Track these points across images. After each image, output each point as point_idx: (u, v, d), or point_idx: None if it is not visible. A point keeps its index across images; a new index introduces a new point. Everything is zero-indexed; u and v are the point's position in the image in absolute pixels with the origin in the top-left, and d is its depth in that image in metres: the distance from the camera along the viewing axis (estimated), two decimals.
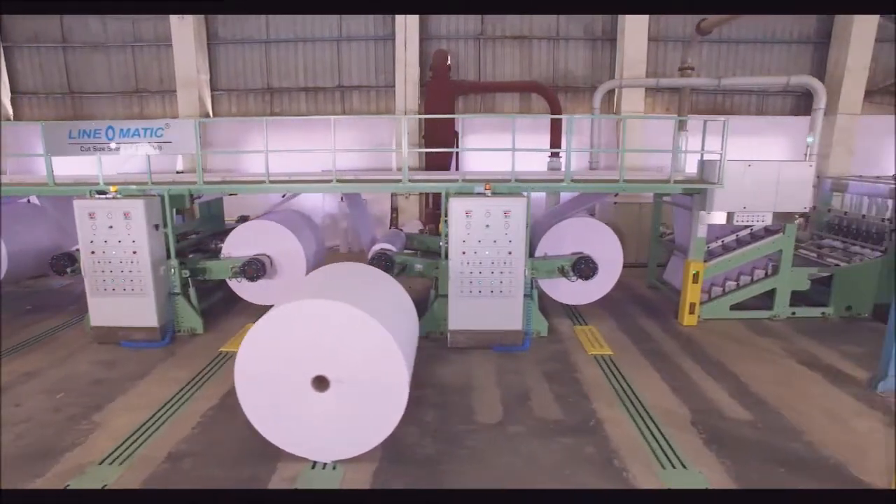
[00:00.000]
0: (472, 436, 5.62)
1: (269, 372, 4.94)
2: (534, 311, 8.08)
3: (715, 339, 8.12)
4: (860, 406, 6.16)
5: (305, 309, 4.95)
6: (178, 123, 7.75)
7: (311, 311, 4.93)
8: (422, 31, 14.29)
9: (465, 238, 7.43)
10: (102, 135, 7.60)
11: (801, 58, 14.70)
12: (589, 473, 4.98)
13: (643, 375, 6.95)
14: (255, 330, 4.92)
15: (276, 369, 4.93)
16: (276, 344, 4.92)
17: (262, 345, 4.94)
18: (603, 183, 8.27)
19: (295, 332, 4.91)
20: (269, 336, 4.94)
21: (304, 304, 4.95)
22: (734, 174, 8.21)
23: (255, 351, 4.94)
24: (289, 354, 4.91)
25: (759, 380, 6.80)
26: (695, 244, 8.56)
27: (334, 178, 7.80)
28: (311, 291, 5.29)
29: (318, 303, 4.94)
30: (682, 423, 5.84)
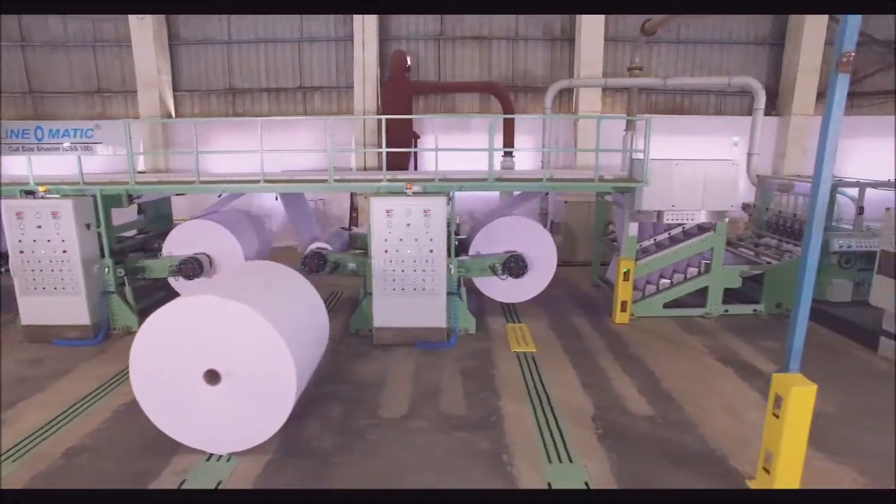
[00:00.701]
0: (372, 430, 5.71)
1: (163, 366, 5.05)
2: (461, 309, 8.18)
3: (642, 337, 8.22)
4: (761, 400, 6.24)
5: (196, 305, 5.06)
6: (108, 124, 7.83)
7: (201, 307, 5.04)
8: (382, 32, 14.41)
9: (387, 237, 7.53)
10: (31, 135, 7.68)
11: (758, 59, 14.84)
12: (476, 467, 5.07)
13: (559, 372, 7.05)
14: (148, 325, 5.03)
15: (169, 363, 5.04)
16: (169, 339, 5.03)
17: (155, 340, 5.05)
18: (528, 182, 8.37)
19: (186, 327, 5.02)
20: (161, 331, 5.04)
21: (194, 301, 5.07)
22: (661, 173, 8.33)
23: (149, 346, 5.05)
24: (181, 349, 5.02)
25: (673, 376, 6.90)
26: (626, 242, 8.67)
27: (262, 178, 7.89)
28: (207, 289, 5.38)
29: (207, 299, 5.04)
30: (583, 418, 5.93)
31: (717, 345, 7.93)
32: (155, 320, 5.03)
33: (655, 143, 14.48)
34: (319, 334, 6.12)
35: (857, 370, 7.18)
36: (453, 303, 8.11)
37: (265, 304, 5.20)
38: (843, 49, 6.04)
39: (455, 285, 8.11)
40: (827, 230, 8.95)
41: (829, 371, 7.12)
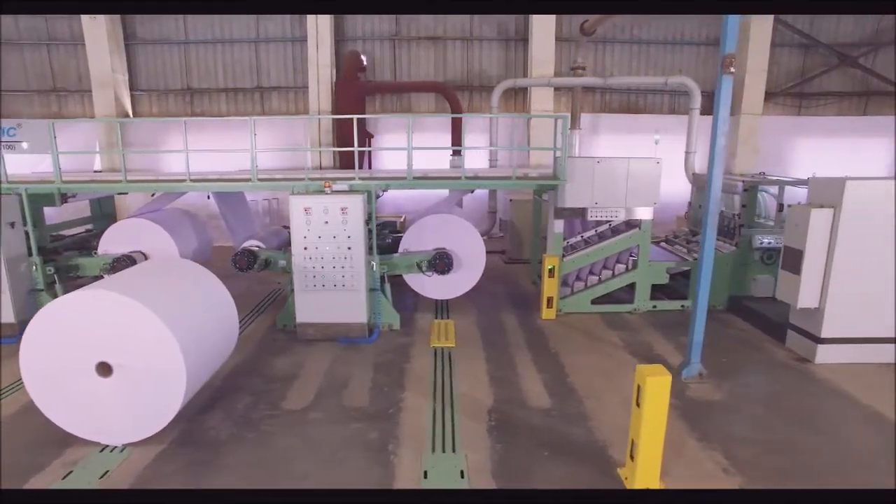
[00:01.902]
0: (270, 421, 5.84)
1: (54, 359, 5.16)
2: (384, 305, 8.31)
3: (564, 332, 8.37)
4: None
5: (86, 298, 5.16)
6: (31, 124, 7.92)
7: (91, 301, 5.14)
8: (338, 32, 14.53)
9: (306, 234, 7.65)
10: None
11: (710, 59, 15.03)
12: (360, 456, 5.20)
13: (471, 367, 7.18)
14: (38, 319, 5.14)
15: (60, 356, 5.15)
16: (60, 332, 5.13)
17: (46, 333, 5.16)
18: (447, 180, 8.52)
19: (77, 320, 5.13)
20: (52, 325, 5.15)
21: (84, 294, 5.17)
22: (583, 171, 8.48)
23: (40, 339, 5.16)
24: (72, 342, 5.12)
25: (582, 371, 7.04)
26: (551, 239, 8.82)
27: (188, 178, 8.00)
28: (102, 283, 5.49)
29: (96, 293, 5.15)
30: (480, 411, 6.06)
31: (635, 340, 8.09)
32: (45, 314, 5.15)
33: (610, 141, 14.89)
34: (224, 330, 6.22)
35: (760, 361, 7.37)
36: (376, 299, 8.25)
37: (157, 298, 5.31)
38: (726, 51, 6.28)
39: (378, 282, 8.24)
40: (751, 227, 9.19)
41: (736, 362, 7.33)
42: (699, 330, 6.61)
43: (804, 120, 15.24)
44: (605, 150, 14.71)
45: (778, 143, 15.15)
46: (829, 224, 6.95)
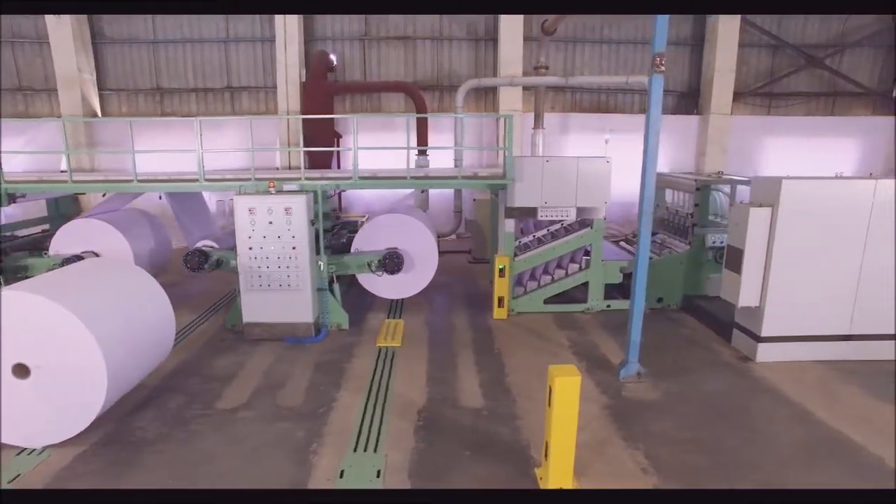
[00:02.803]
0: (200, 420, 5.82)
1: None
2: (332, 305, 8.30)
3: (512, 332, 8.36)
4: (595, 394, 6.41)
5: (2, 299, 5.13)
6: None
7: (5, 302, 5.11)
8: (307, 32, 14.51)
9: (251, 234, 7.63)
10: None
11: (679, 59, 15.07)
12: (281, 455, 5.19)
13: (412, 366, 7.17)
14: None
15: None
16: None
17: None
18: (394, 180, 8.50)
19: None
20: None
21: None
22: (532, 170, 8.48)
23: None
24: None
25: (521, 370, 7.03)
26: (502, 239, 8.82)
27: (135, 178, 7.98)
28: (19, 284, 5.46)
29: (10, 294, 5.12)
30: (410, 411, 6.05)
31: (582, 340, 8.09)
32: None
33: (580, 141, 14.87)
34: (157, 330, 6.18)
35: (704, 361, 7.37)
36: (324, 298, 8.24)
37: (78, 298, 5.28)
38: (655, 50, 6.28)
39: (326, 281, 8.23)
40: (704, 226, 9.21)
41: (679, 362, 7.33)
42: (636, 330, 6.61)
43: (774, 120, 15.29)
44: (575, 149, 14.72)
45: (748, 143, 15.20)
46: (767, 223, 6.96)
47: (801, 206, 6.84)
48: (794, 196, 6.83)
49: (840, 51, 15.00)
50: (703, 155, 14.74)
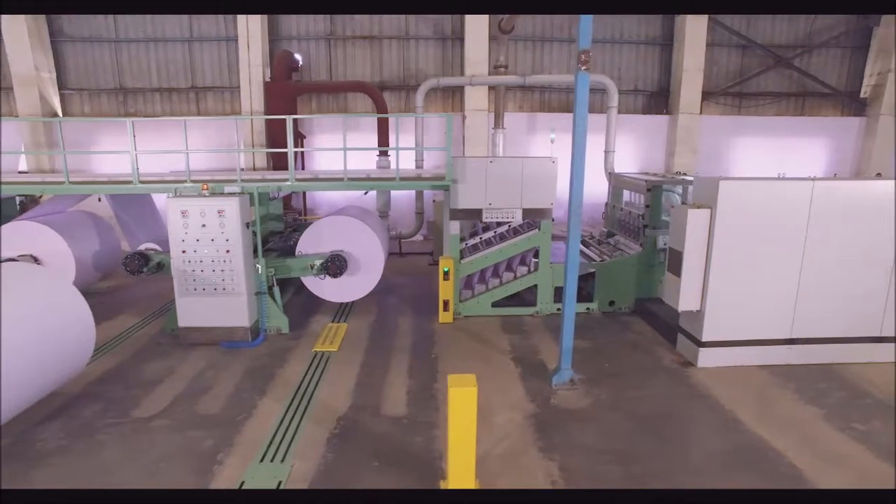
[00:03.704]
0: (109, 430, 5.65)
1: None
2: (272, 308, 8.14)
3: (455, 337, 8.21)
4: (522, 401, 6.26)
5: None
6: None
7: None
8: (272, 31, 14.35)
9: (184, 237, 7.46)
10: None
11: (649, 58, 14.93)
12: (183, 465, 5.03)
13: (343, 372, 7.01)
14: None
15: None
16: None
17: None
18: (328, 181, 8.35)
19: None
20: None
21: None
22: (476, 171, 8.33)
23: None
24: None
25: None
26: (447, 241, 8.67)
27: (66, 180, 7.81)
28: None
29: None
30: (330, 418, 5.89)
31: (524, 344, 7.93)
32: None
33: (547, 140, 14.67)
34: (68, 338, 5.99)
35: (644, 366, 7.22)
36: (263, 302, 8.08)
37: None
38: (581, 48, 6.13)
39: (265, 285, 8.07)
40: (655, 228, 9.06)
41: (619, 367, 7.18)
42: (568, 336, 6.46)
43: (744, 120, 15.17)
44: (541, 149, 14.58)
45: (718, 143, 15.08)
46: (706, 225, 6.81)
47: (739, 207, 6.70)
48: (732, 197, 6.68)
49: (808, 51, 14.88)
50: (673, 155, 14.60)
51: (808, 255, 6.89)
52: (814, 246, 6.87)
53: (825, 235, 6.84)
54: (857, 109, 15.22)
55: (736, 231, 6.74)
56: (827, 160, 15.33)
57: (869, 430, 5.68)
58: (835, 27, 14.74)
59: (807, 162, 14.97)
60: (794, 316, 7.07)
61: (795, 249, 6.88)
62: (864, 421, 5.84)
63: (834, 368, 7.09)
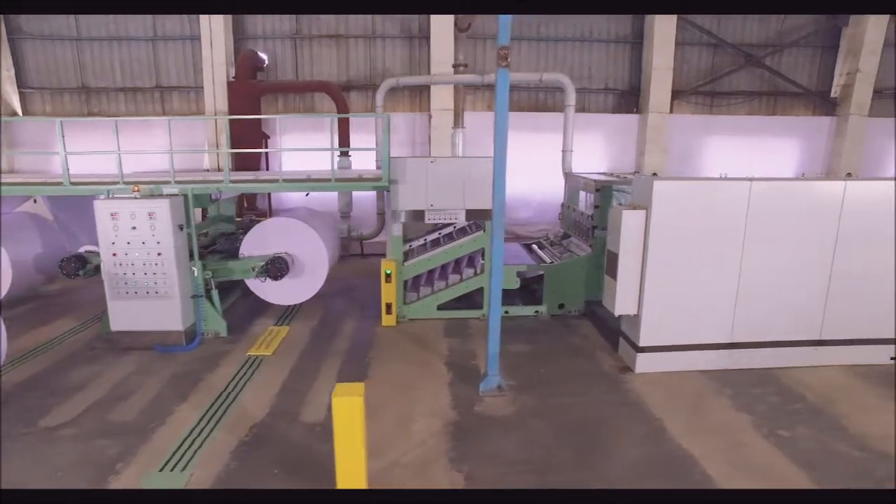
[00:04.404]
0: (13, 440, 5.47)
1: None
2: (208, 311, 7.99)
3: (394, 340, 8.05)
4: (445, 408, 6.10)
5: None
6: None
7: None
8: (237, 30, 14.19)
9: (114, 240, 7.31)
10: None
11: (619, 57, 14.78)
12: (79, 476, 4.88)
13: (272, 376, 6.86)
14: None
15: None
16: None
17: None
18: (261, 183, 8.19)
19: None
20: None
21: None
22: (417, 172, 8.18)
23: None
24: None
25: (384, 382, 6.72)
26: (390, 243, 8.52)
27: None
28: None
29: None
30: (244, 425, 5.74)
31: (463, 348, 7.78)
32: None
33: (513, 140, 14.47)
34: None
35: (581, 371, 7.06)
36: (200, 305, 7.93)
37: None
38: (500, 44, 5.98)
39: (201, 287, 7.92)
40: (604, 229, 8.87)
41: (555, 373, 7.03)
42: (494, 341, 6.30)
43: (716, 119, 15.01)
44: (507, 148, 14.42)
45: (689, 142, 14.92)
46: (641, 226, 6.65)
47: (675, 208, 6.54)
48: (667, 197, 6.52)
49: (779, 50, 14.72)
50: (644, 154, 14.45)
51: (747, 257, 6.74)
52: (753, 248, 6.71)
53: (764, 237, 6.69)
54: (828, 109, 15.07)
55: (672, 233, 6.58)
56: (798, 160, 15.17)
57: (793, 436, 5.54)
58: (805, 27, 14.59)
59: (779, 161, 14.81)
60: (734, 320, 6.91)
61: (734, 252, 6.72)
62: (789, 427, 5.70)
63: (773, 373, 6.95)
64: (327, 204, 13.73)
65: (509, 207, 14.79)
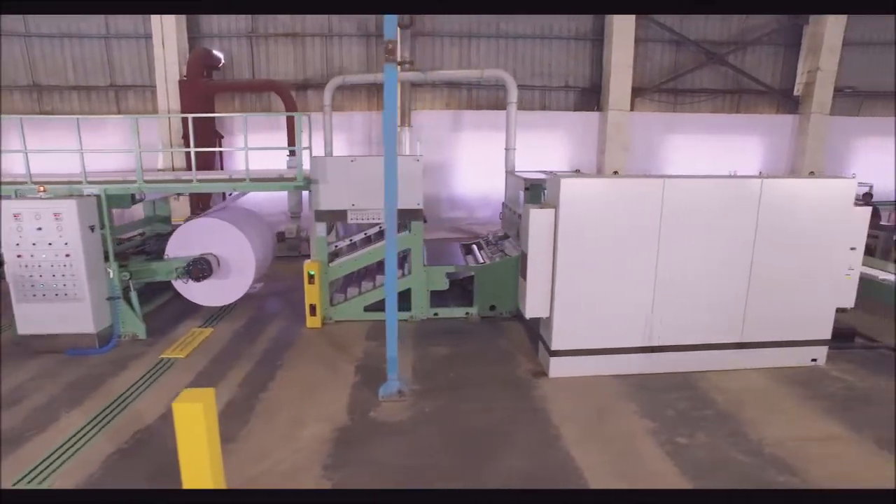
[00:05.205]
0: None
1: None
2: (126, 313, 7.84)
3: (314, 343, 7.89)
4: (339, 413, 5.93)
5: None
6: None
7: None
8: (192, 29, 14.02)
9: (19, 241, 7.15)
10: None
11: (580, 54, 14.59)
12: None
13: (177, 380, 6.70)
14: None
15: None
16: None
17: None
18: (175, 183, 8.03)
19: None
20: None
21: None
22: (337, 171, 8.01)
23: None
24: None
25: (288, 386, 6.55)
26: (314, 243, 8.36)
27: None
28: None
29: None
30: (128, 431, 5.57)
31: (379, 352, 7.39)
32: None
33: (471, 139, 14.35)
34: None
35: (495, 376, 6.86)
36: (116, 307, 7.78)
37: None
38: (386, 38, 5.81)
39: (117, 289, 7.76)
40: None
41: (466, 377, 6.84)
42: (392, 346, 6.13)
43: (679, 117, 14.82)
44: (465, 147, 14.31)
45: (652, 140, 14.72)
46: (551, 226, 6.46)
47: (586, 207, 6.35)
48: (576, 196, 6.34)
49: (742, 48, 14.52)
50: (604, 153, 14.26)
51: (664, 258, 6.55)
52: (669, 248, 6.52)
53: (681, 237, 6.50)
54: (792, 107, 14.86)
55: (583, 233, 6.39)
56: (762, 158, 14.97)
57: (690, 444, 5.36)
58: (767, 25, 14.38)
59: (743, 160, 14.60)
60: (652, 322, 6.72)
61: (650, 252, 6.53)
62: (690, 434, 5.53)
63: (692, 377, 6.77)
64: (281, 204, 13.67)
65: (469, 206, 14.84)
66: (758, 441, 5.40)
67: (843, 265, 6.85)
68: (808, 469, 4.94)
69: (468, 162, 14.39)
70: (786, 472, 4.92)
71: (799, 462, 5.04)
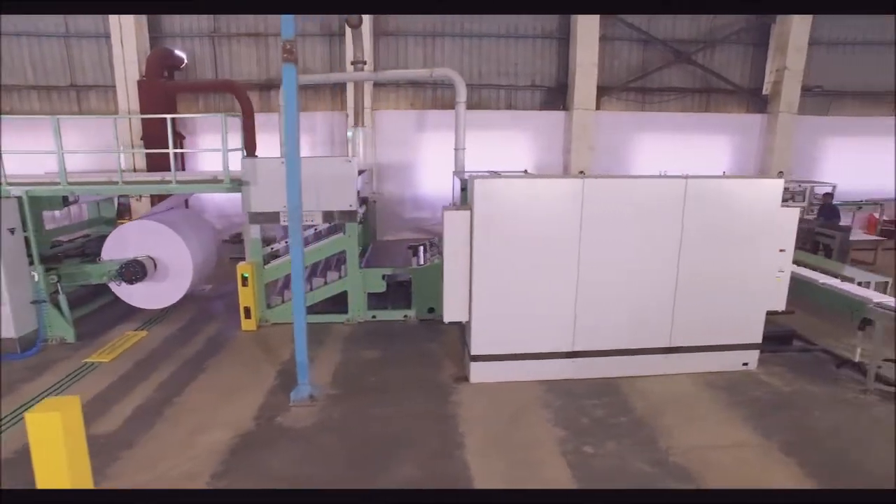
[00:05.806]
0: None
1: None
2: (54, 317, 7.74)
3: (244, 346, 7.80)
4: (245, 418, 5.82)
5: None
6: None
7: None
8: (153, 28, 13.93)
9: None
10: None
11: (546, 53, 14.43)
12: None
13: (95, 382, 6.63)
14: None
15: None
16: None
17: None
18: (101, 185, 7.93)
19: None
20: None
21: None
22: (269, 172, 7.90)
23: None
24: None
25: (206, 389, 6.48)
26: (248, 245, 8.25)
27: None
28: None
29: None
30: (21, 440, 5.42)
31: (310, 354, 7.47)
32: None
33: (436, 138, 14.18)
34: None
35: (418, 380, 6.76)
36: (42, 311, 7.68)
37: None
38: (283, 38, 5.69)
39: (43, 292, 7.66)
40: None
41: (385, 382, 6.74)
42: (301, 350, 6.02)
43: (648, 116, 14.64)
44: (428, 146, 14.20)
45: (619, 139, 14.55)
46: (467, 228, 6.32)
47: (502, 209, 6.22)
48: (491, 197, 6.21)
49: (710, 47, 14.34)
50: (570, 152, 14.11)
51: (586, 261, 6.41)
52: (591, 251, 6.38)
53: (604, 239, 6.36)
54: (760, 107, 14.67)
55: (501, 235, 6.25)
56: (731, 157, 14.78)
57: (596, 453, 5.23)
58: (735, 23, 14.19)
59: (711, 159, 14.43)
60: (575, 327, 6.58)
61: (570, 255, 6.39)
62: (599, 443, 5.39)
63: (618, 383, 6.62)
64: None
65: (433, 206, 14.68)
66: (665, 449, 5.27)
67: (773, 267, 6.70)
68: (706, 478, 4.80)
69: (432, 162, 14.24)
70: (685, 481, 4.79)
71: (700, 470, 4.91)
